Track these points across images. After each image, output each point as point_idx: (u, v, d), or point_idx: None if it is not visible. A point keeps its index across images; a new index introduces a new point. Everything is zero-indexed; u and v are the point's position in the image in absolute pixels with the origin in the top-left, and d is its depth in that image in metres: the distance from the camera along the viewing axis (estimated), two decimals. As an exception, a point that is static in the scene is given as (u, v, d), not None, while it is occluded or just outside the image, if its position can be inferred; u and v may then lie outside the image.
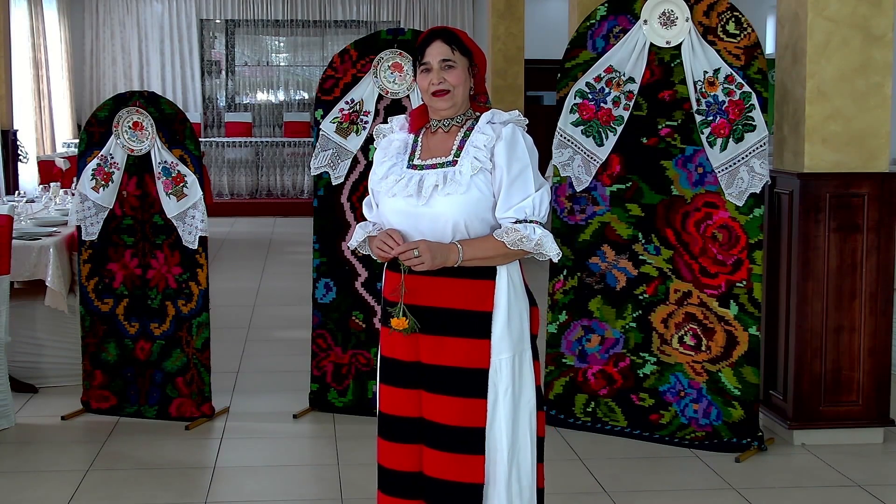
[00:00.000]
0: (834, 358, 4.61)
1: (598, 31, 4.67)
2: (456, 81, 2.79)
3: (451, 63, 2.79)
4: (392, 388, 2.86)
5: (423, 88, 2.82)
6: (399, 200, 2.79)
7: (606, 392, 4.74)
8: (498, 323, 2.78)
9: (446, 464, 2.78)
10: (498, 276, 2.78)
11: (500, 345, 2.78)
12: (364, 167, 4.93)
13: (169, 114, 4.89)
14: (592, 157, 4.67)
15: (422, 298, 2.76)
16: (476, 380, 2.77)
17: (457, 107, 2.83)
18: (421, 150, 2.87)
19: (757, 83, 4.38)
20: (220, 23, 15.71)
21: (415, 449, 2.84)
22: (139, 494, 4.07)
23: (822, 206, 4.53)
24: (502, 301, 2.78)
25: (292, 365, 5.89)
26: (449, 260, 2.71)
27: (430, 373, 2.79)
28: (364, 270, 4.97)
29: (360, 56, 4.93)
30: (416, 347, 2.80)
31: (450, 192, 2.74)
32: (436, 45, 2.80)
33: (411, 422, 2.83)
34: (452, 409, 2.77)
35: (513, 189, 2.74)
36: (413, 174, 2.81)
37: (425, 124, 2.91)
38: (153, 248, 4.93)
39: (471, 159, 2.75)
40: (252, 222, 13.30)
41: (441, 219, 2.74)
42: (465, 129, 2.83)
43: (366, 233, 2.93)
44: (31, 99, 12.18)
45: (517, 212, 2.74)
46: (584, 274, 4.76)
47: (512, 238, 2.72)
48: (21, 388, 5.33)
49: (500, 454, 2.79)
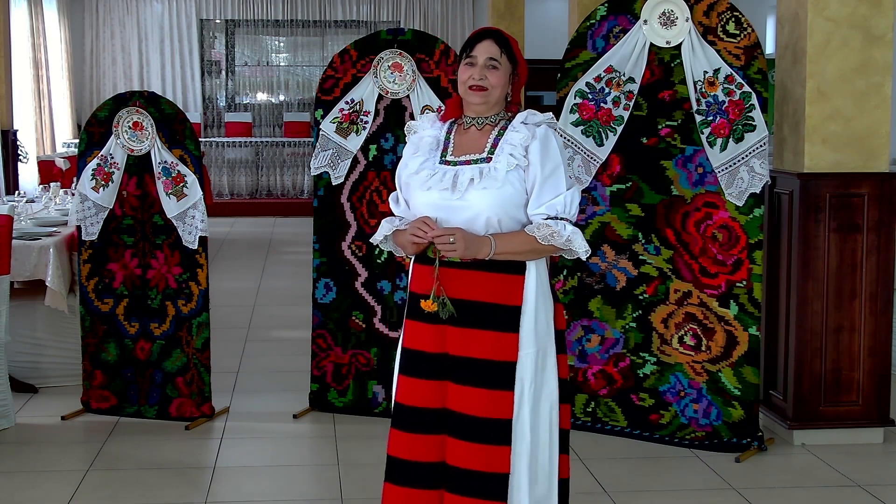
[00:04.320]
0: (834, 358, 4.61)
1: (598, 31, 4.67)
2: (496, 82, 2.86)
3: (496, 64, 2.86)
4: (415, 379, 2.89)
5: (462, 80, 2.88)
6: (434, 193, 2.84)
7: (606, 392, 4.74)
8: (526, 318, 2.83)
9: (473, 454, 2.82)
10: (527, 272, 2.84)
11: (527, 339, 2.83)
12: (364, 167, 4.93)
13: (169, 114, 4.89)
14: (592, 157, 4.67)
15: (452, 291, 2.82)
16: (504, 372, 2.82)
17: (489, 106, 2.90)
18: (453, 146, 2.93)
19: (757, 83, 4.38)
20: (220, 23, 15.71)
21: (435, 439, 2.87)
22: (139, 494, 4.07)
23: (822, 206, 4.53)
24: (531, 297, 2.84)
25: (292, 365, 5.88)
26: (481, 252, 2.77)
27: (458, 364, 2.84)
28: (364, 270, 4.96)
29: (360, 56, 4.93)
30: (444, 339, 2.85)
31: (486, 186, 2.80)
32: (486, 43, 2.87)
33: (434, 413, 2.86)
34: (480, 400, 2.81)
35: (545, 187, 2.81)
36: (447, 169, 2.87)
37: (457, 118, 2.97)
38: (153, 248, 4.93)
39: (506, 156, 2.82)
40: (252, 222, 13.29)
41: (475, 212, 2.80)
42: (499, 129, 2.90)
43: (392, 227, 2.96)
44: (31, 99, 12.18)
45: (549, 208, 2.81)
46: (584, 274, 4.76)
47: (543, 233, 2.79)
48: (21, 388, 5.33)
49: (524, 445, 2.84)
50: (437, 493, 2.88)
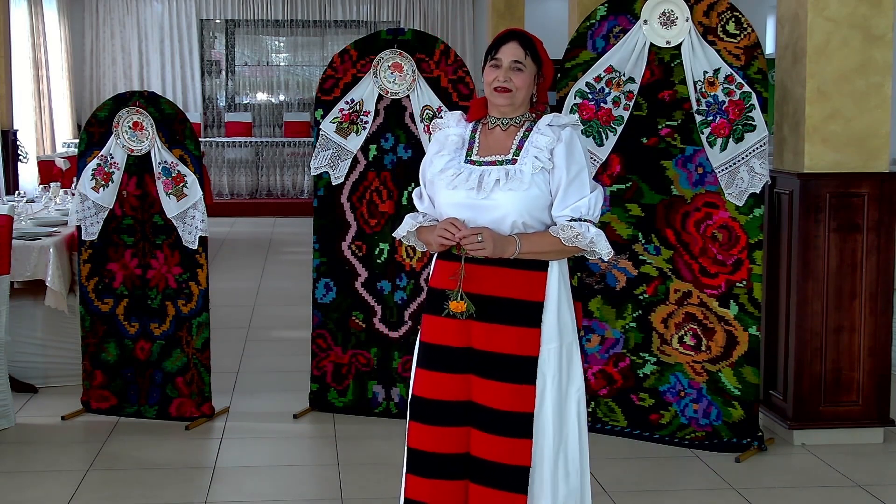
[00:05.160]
0: (834, 358, 4.61)
1: (598, 31, 4.67)
2: (521, 84, 2.89)
3: (521, 66, 2.89)
4: (438, 373, 2.94)
5: (488, 82, 2.92)
6: (460, 193, 2.88)
7: (606, 392, 4.74)
8: (549, 313, 2.89)
9: (495, 446, 2.88)
10: (550, 269, 2.90)
11: (550, 334, 2.89)
12: (364, 167, 4.93)
13: (169, 114, 4.88)
14: (592, 157, 4.67)
15: (476, 286, 2.86)
16: (526, 367, 2.87)
17: (514, 107, 2.93)
18: (479, 146, 2.96)
19: (757, 83, 4.38)
20: (220, 23, 15.71)
21: (459, 431, 2.92)
22: (139, 494, 4.07)
23: (822, 206, 4.53)
24: (553, 293, 2.90)
25: (292, 365, 5.89)
26: (507, 251, 2.82)
27: (482, 358, 2.89)
28: (364, 270, 4.96)
29: (360, 56, 4.93)
30: (468, 334, 2.89)
31: (512, 188, 2.84)
32: (511, 45, 2.90)
33: (458, 405, 2.91)
34: (503, 393, 2.86)
35: (570, 189, 2.86)
36: (473, 169, 2.91)
37: (482, 117, 3.00)
38: (153, 248, 4.93)
39: (531, 159, 2.86)
40: (252, 222, 13.29)
41: (501, 213, 2.84)
42: (524, 130, 2.94)
43: (416, 223, 3.00)
44: (31, 99, 12.18)
45: (573, 211, 2.86)
46: (584, 274, 4.76)
47: (568, 235, 2.84)
48: (21, 388, 5.33)
49: (547, 439, 2.89)
50: (462, 483, 2.93)
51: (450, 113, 3.08)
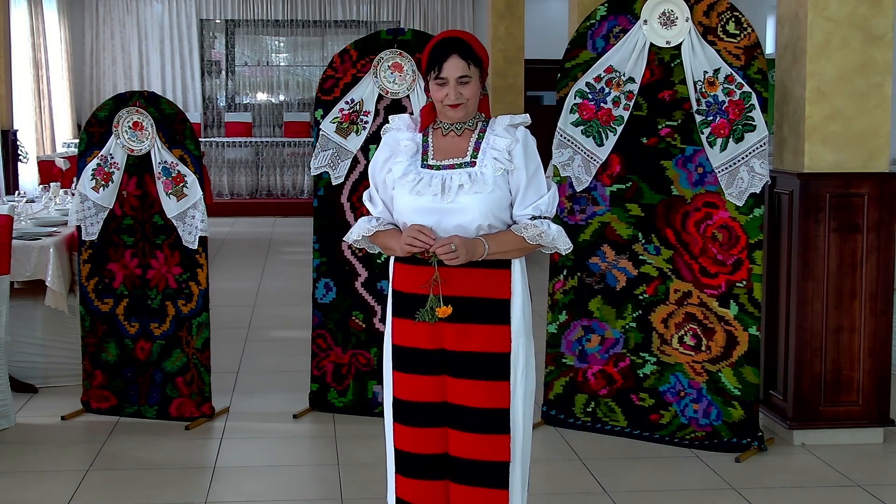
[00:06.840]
0: (834, 358, 4.60)
1: (598, 31, 4.67)
2: (471, 94, 2.93)
3: (468, 78, 2.90)
4: (413, 375, 2.97)
5: (437, 99, 2.92)
6: (425, 198, 2.90)
7: (606, 392, 4.74)
8: (515, 309, 2.94)
9: (475, 444, 2.93)
10: (513, 267, 2.95)
11: (518, 330, 2.94)
12: (364, 167, 4.93)
13: (169, 114, 4.89)
14: (592, 157, 4.67)
15: (445, 288, 2.89)
16: (499, 363, 2.92)
17: (469, 113, 2.95)
18: (433, 150, 2.97)
19: (757, 83, 4.38)
20: (220, 23, 15.71)
21: (437, 432, 2.96)
22: (139, 494, 4.07)
23: (822, 206, 4.53)
24: (518, 289, 2.96)
25: (292, 365, 5.89)
26: (476, 254, 2.86)
27: (456, 359, 2.93)
28: (364, 270, 4.97)
29: (360, 56, 4.93)
30: (440, 336, 2.92)
31: (477, 190, 2.88)
32: (453, 61, 2.89)
33: (434, 406, 2.95)
34: (478, 392, 2.92)
35: (530, 188, 2.92)
36: (433, 174, 2.92)
37: (432, 122, 3.01)
38: (153, 248, 4.93)
39: (491, 161, 2.90)
40: (252, 222, 13.30)
41: (467, 216, 2.88)
42: (479, 132, 2.96)
43: (372, 227, 3.01)
44: (31, 99, 12.18)
45: (534, 209, 2.93)
46: (584, 274, 4.76)
47: (531, 233, 2.90)
48: (21, 388, 5.33)
49: (519, 432, 2.95)
50: (443, 483, 2.98)
51: (398, 117, 3.08)
